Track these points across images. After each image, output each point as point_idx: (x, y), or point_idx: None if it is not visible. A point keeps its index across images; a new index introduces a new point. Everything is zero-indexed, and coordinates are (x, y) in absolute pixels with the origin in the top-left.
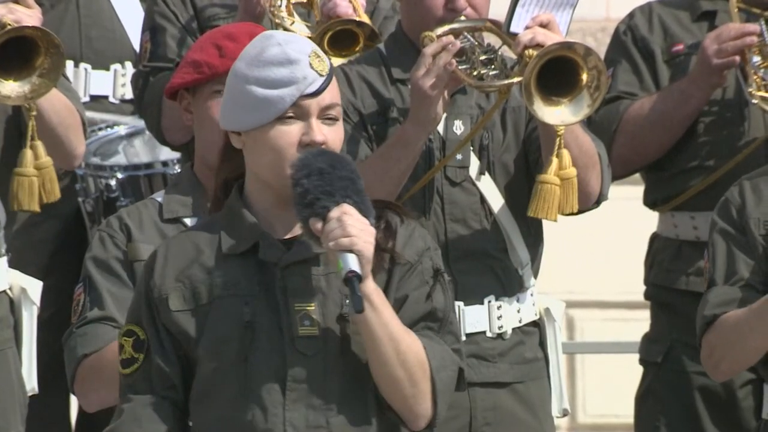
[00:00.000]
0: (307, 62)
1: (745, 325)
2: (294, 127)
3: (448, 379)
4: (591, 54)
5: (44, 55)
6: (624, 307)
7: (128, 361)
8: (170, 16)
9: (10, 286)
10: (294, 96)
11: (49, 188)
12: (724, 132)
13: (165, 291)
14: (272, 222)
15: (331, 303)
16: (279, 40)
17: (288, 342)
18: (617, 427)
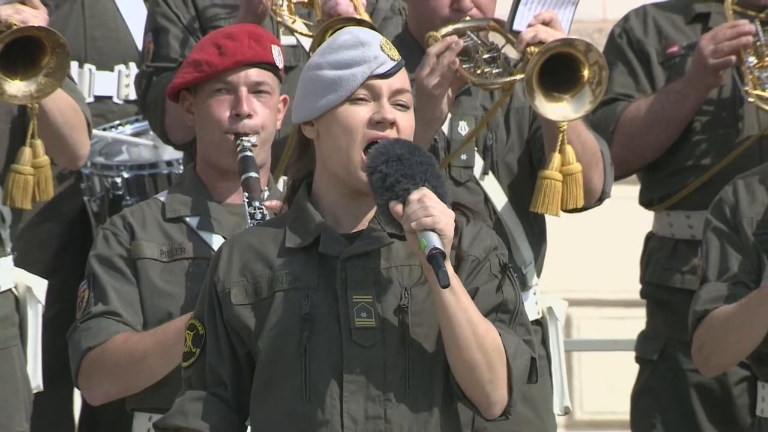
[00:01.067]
0: (378, 45)
1: (735, 319)
2: (365, 107)
3: (523, 367)
4: (592, 50)
5: (50, 54)
6: (620, 305)
7: (187, 354)
8: (172, 17)
9: (16, 284)
10: (365, 74)
11: (43, 187)
12: (720, 131)
13: (228, 285)
14: (339, 216)
15: (391, 295)
16: (351, 29)
17: (345, 333)
18: (614, 424)
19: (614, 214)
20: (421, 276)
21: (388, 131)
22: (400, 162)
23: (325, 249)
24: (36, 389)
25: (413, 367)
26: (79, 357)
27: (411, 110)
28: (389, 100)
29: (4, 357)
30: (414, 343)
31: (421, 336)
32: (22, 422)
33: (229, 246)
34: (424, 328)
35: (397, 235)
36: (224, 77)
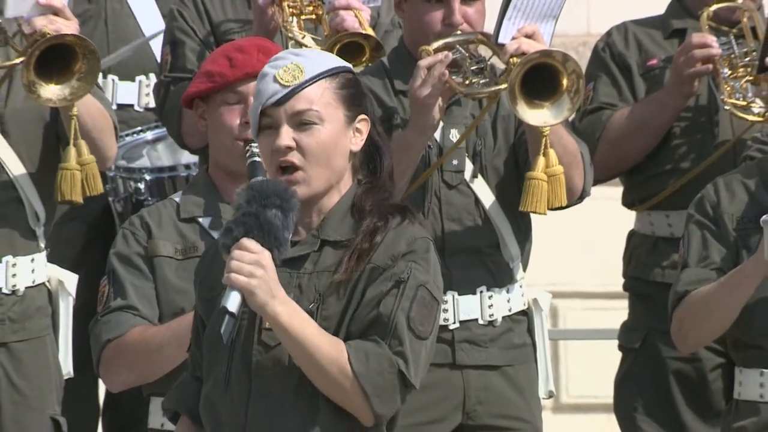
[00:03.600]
0: (272, 76)
1: (713, 298)
2: (271, 136)
3: (383, 382)
4: (569, 60)
5: (82, 60)
6: (604, 297)
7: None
8: (189, 31)
9: (49, 278)
10: (257, 108)
11: (92, 183)
12: (697, 136)
13: (200, 278)
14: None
15: (305, 300)
16: (273, 56)
17: (256, 333)
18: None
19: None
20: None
21: (290, 156)
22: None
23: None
24: (67, 375)
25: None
26: (100, 348)
27: (320, 125)
28: (290, 124)
29: (38, 345)
30: None
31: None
32: (54, 405)
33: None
34: (333, 331)
35: (332, 241)
36: (235, 88)
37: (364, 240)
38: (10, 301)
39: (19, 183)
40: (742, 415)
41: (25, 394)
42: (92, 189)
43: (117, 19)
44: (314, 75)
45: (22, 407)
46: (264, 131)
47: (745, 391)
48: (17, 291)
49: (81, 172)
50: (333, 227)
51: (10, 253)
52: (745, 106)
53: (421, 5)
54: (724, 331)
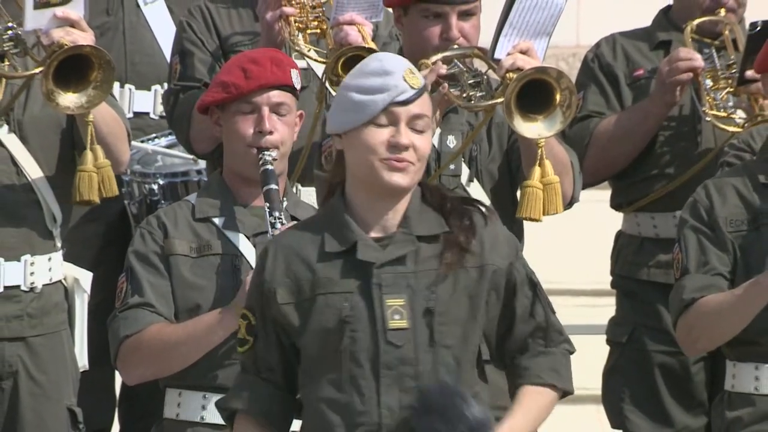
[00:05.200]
0: (401, 75)
1: (727, 308)
2: (385, 130)
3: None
4: (563, 77)
5: (98, 69)
6: (592, 294)
7: (241, 341)
8: (197, 42)
9: (65, 276)
10: (385, 101)
11: (108, 185)
12: (680, 144)
13: (274, 285)
14: (368, 219)
15: (420, 298)
16: (379, 57)
17: (381, 334)
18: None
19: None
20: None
21: (405, 154)
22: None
23: (363, 256)
24: (82, 368)
25: (441, 361)
26: (118, 343)
27: (428, 134)
28: (407, 125)
29: (55, 340)
30: (441, 340)
31: (447, 333)
32: (71, 397)
33: (273, 247)
34: (449, 326)
35: (425, 236)
36: (249, 98)
37: (462, 235)
38: (29, 298)
39: (36, 186)
40: (736, 406)
41: (43, 385)
42: (108, 191)
43: (134, 31)
44: (424, 84)
45: (40, 398)
46: (375, 125)
47: (740, 384)
48: (35, 288)
49: (98, 175)
50: (418, 223)
51: (29, 252)
52: (725, 117)
53: (420, 20)
54: (732, 337)
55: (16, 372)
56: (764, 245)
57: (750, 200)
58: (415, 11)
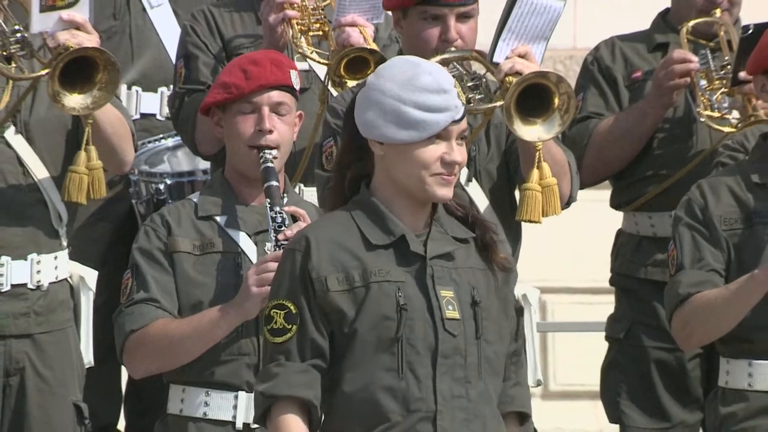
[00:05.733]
0: (455, 93)
1: (722, 303)
2: (438, 147)
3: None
4: (562, 81)
5: (103, 71)
6: (590, 292)
7: (280, 331)
8: (201, 46)
9: (71, 274)
10: (447, 121)
11: (97, 187)
12: (676, 145)
13: (323, 273)
14: (402, 218)
15: (464, 292)
16: (429, 70)
17: (439, 323)
18: (584, 395)
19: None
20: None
21: (455, 169)
22: None
23: (415, 248)
24: (88, 364)
25: (484, 353)
26: (123, 338)
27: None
28: (456, 140)
29: (61, 337)
30: (484, 334)
31: (488, 328)
32: (76, 393)
33: (314, 238)
34: (490, 321)
35: (460, 238)
36: (249, 98)
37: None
38: (35, 296)
39: (42, 186)
40: (730, 402)
41: (49, 381)
42: (96, 192)
43: (140, 34)
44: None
45: (47, 394)
46: (433, 140)
47: (733, 380)
48: (41, 286)
49: (88, 176)
50: (449, 227)
51: (35, 251)
52: (719, 118)
53: (419, 22)
54: (727, 332)
55: (23, 368)
56: (758, 243)
57: (743, 199)
58: (414, 14)
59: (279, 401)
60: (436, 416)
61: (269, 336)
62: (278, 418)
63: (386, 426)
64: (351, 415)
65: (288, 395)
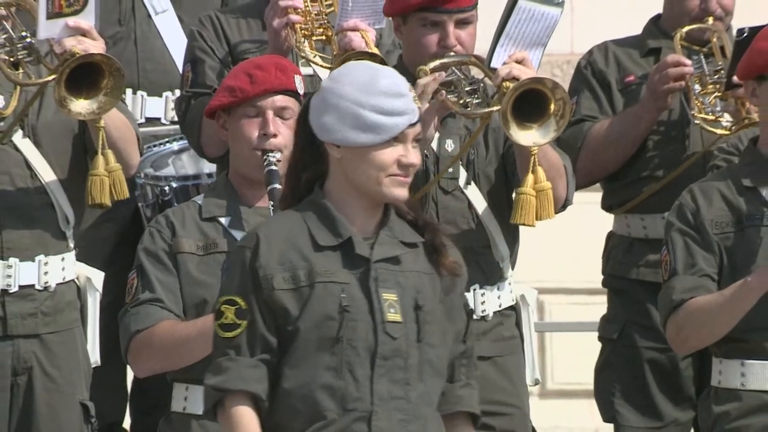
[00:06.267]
0: (411, 97)
1: (716, 308)
2: (396, 149)
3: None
4: (558, 87)
5: (108, 77)
6: (585, 293)
7: (230, 326)
8: (208, 50)
9: (77, 275)
10: (405, 124)
11: (119, 189)
12: (669, 147)
13: (270, 272)
14: (353, 222)
15: (408, 295)
16: (386, 73)
17: (379, 325)
18: (580, 393)
19: (580, 216)
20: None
21: (410, 171)
22: None
23: (360, 251)
24: (94, 364)
25: (426, 356)
26: (128, 338)
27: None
28: (412, 142)
29: (68, 337)
30: (426, 337)
31: (430, 332)
32: (83, 391)
33: (264, 236)
34: (433, 325)
35: (407, 243)
36: (254, 102)
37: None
38: (43, 297)
39: (50, 189)
40: (723, 401)
41: (57, 380)
42: (119, 194)
43: (145, 40)
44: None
45: (54, 393)
46: (390, 143)
47: (726, 380)
48: (49, 287)
49: (109, 178)
50: (399, 230)
51: (43, 253)
52: (713, 121)
53: (419, 29)
54: (721, 336)
55: (30, 368)
56: (749, 246)
57: (734, 203)
58: (413, 20)
59: (230, 395)
60: (371, 416)
61: (220, 331)
62: (231, 411)
63: (323, 423)
64: (290, 411)
65: (239, 389)
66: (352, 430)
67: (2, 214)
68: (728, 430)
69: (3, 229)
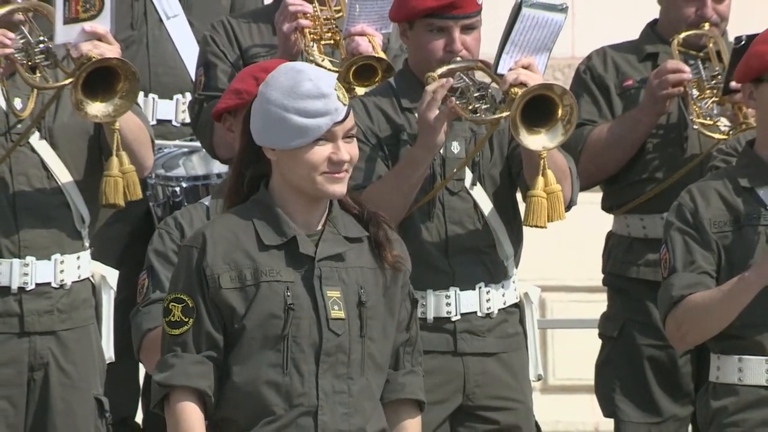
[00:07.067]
0: (335, 95)
1: (715, 303)
2: (325, 148)
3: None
4: (566, 94)
5: (124, 80)
6: (586, 291)
7: (177, 323)
8: (220, 55)
9: (92, 274)
10: (328, 124)
11: (132, 189)
12: (668, 150)
13: (217, 271)
14: (297, 218)
15: (351, 291)
16: (310, 76)
17: (323, 322)
18: (581, 389)
19: (582, 216)
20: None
21: (344, 166)
22: None
23: (304, 250)
24: (108, 360)
25: (368, 351)
26: (141, 336)
27: (355, 139)
28: (343, 138)
29: (83, 333)
30: (369, 333)
31: (373, 326)
32: (98, 387)
33: (210, 235)
34: (375, 320)
35: (351, 238)
36: None
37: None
38: (59, 294)
39: (66, 189)
40: (721, 396)
41: (72, 376)
42: (132, 194)
43: (157, 44)
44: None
45: (69, 388)
46: (318, 143)
47: (724, 375)
48: (65, 285)
49: (123, 179)
50: (343, 226)
51: (59, 252)
52: (711, 125)
53: (425, 34)
54: (720, 331)
55: (47, 363)
56: (747, 244)
57: (732, 203)
58: (420, 26)
59: (175, 390)
60: (317, 411)
61: (167, 328)
62: (175, 406)
63: (270, 419)
64: (238, 406)
65: (183, 385)
66: (298, 424)
67: (20, 213)
68: (726, 424)
69: (20, 229)
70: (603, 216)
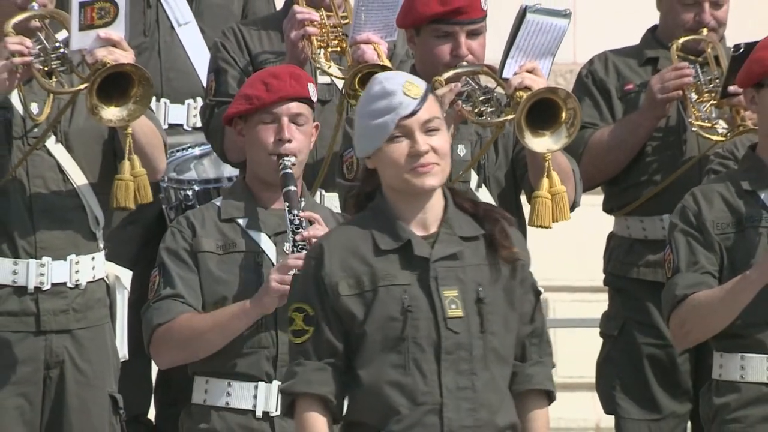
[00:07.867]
0: (401, 92)
1: (718, 302)
2: (403, 144)
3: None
4: (570, 97)
5: (137, 85)
6: (588, 290)
7: (299, 332)
8: (230, 61)
9: (107, 274)
10: (394, 120)
11: (143, 193)
12: (667, 153)
13: (335, 279)
14: (411, 222)
15: (470, 290)
16: (380, 79)
17: (441, 322)
18: (582, 387)
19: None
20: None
21: (426, 157)
22: None
23: (419, 252)
24: (123, 358)
25: (490, 345)
26: (150, 331)
27: (442, 131)
28: (422, 131)
29: (98, 332)
30: (489, 328)
31: (493, 321)
32: (112, 384)
33: (327, 245)
34: (495, 314)
35: (467, 237)
36: (270, 109)
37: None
38: (74, 294)
39: (81, 192)
40: (724, 393)
41: (87, 374)
42: (143, 197)
43: (169, 50)
44: (427, 88)
45: (84, 386)
46: (394, 140)
47: (726, 373)
48: (80, 285)
49: (134, 183)
50: (458, 225)
51: (74, 252)
52: (709, 128)
53: (431, 40)
54: (722, 329)
55: (62, 362)
56: (749, 246)
57: (734, 205)
58: (426, 31)
59: (299, 397)
60: (441, 408)
61: (291, 336)
62: (299, 413)
63: (397, 418)
64: (366, 408)
65: (305, 392)
66: (424, 423)
67: (36, 215)
68: (728, 420)
69: (37, 230)
70: (604, 218)
